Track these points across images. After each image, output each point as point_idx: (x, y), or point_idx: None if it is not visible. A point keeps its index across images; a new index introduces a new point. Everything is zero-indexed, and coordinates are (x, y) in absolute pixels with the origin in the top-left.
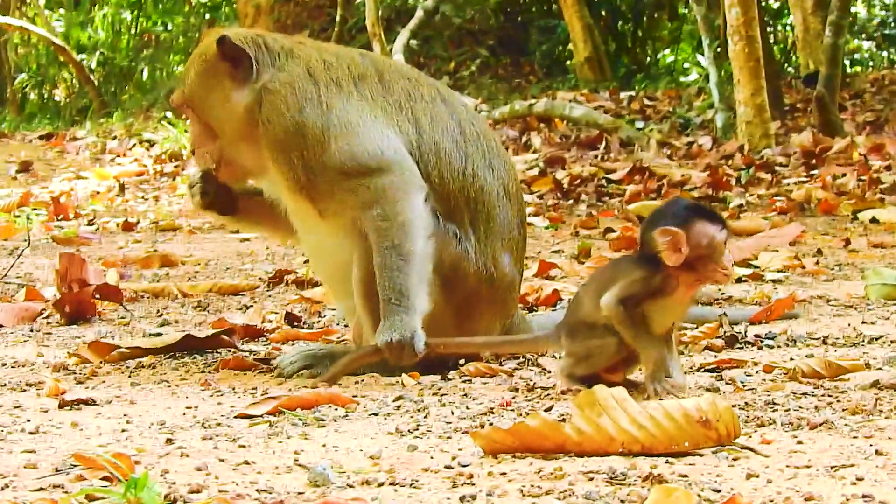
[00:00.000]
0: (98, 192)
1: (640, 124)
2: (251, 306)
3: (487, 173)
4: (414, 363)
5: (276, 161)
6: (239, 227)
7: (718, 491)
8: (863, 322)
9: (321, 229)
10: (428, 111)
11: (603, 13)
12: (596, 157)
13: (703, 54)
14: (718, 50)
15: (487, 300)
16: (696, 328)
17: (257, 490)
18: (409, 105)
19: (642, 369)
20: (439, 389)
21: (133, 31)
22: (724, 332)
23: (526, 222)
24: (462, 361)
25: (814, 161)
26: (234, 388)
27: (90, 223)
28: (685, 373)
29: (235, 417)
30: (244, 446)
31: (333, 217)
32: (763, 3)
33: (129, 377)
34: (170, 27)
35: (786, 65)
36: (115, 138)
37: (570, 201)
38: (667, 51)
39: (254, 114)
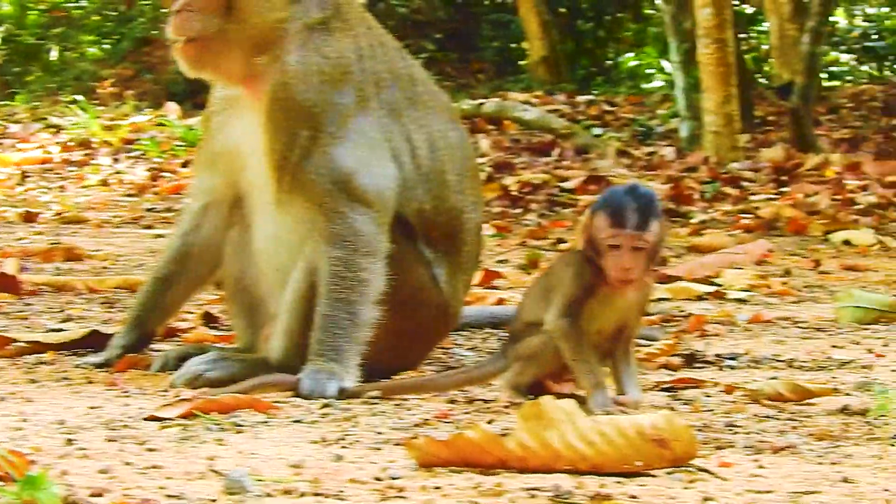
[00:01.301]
0: None
1: (597, 131)
2: None
3: (473, 212)
4: None
5: (280, 126)
6: None
7: None
8: (832, 346)
9: (276, 220)
10: (444, 133)
11: (561, 10)
12: (548, 163)
13: (669, 59)
14: (686, 54)
15: (435, 336)
16: (651, 345)
17: (167, 496)
18: (429, 122)
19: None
20: (370, 398)
21: (42, 7)
22: (683, 350)
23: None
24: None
25: (784, 177)
26: (143, 389)
27: None
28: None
29: (144, 420)
30: (153, 450)
31: (290, 214)
32: (736, 8)
33: (27, 373)
34: (83, 3)
35: (758, 75)
36: (17, 122)
37: (519, 210)
38: (630, 54)
39: (280, 45)
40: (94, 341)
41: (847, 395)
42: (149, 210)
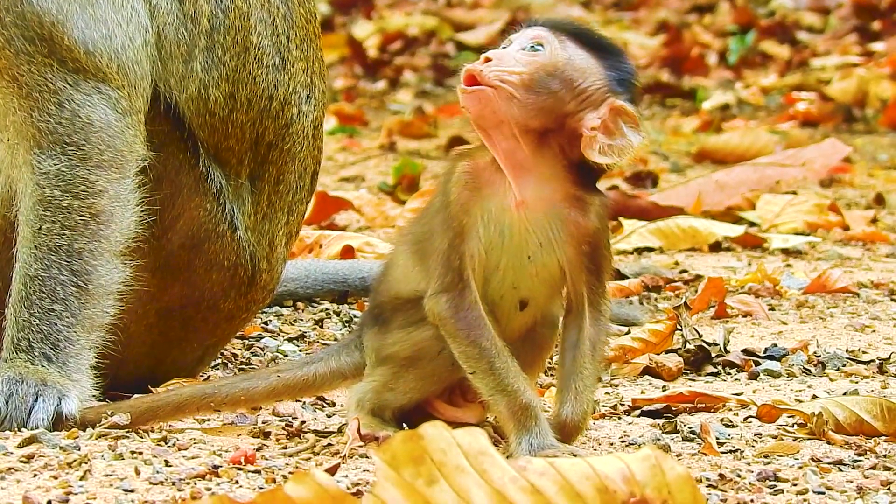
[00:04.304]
0: None
1: None
2: None
3: (303, 102)
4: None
5: None
6: None
7: None
8: None
9: None
10: None
11: None
12: None
13: None
14: None
15: (228, 317)
16: (626, 332)
17: None
18: None
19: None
20: (113, 427)
21: None
22: (686, 342)
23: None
24: None
25: (876, 23)
26: None
27: None
28: (601, 414)
29: None
30: None
31: None
32: None
33: None
34: None
35: None
36: None
37: (381, 84)
38: None
39: None
40: None
41: None
42: None
